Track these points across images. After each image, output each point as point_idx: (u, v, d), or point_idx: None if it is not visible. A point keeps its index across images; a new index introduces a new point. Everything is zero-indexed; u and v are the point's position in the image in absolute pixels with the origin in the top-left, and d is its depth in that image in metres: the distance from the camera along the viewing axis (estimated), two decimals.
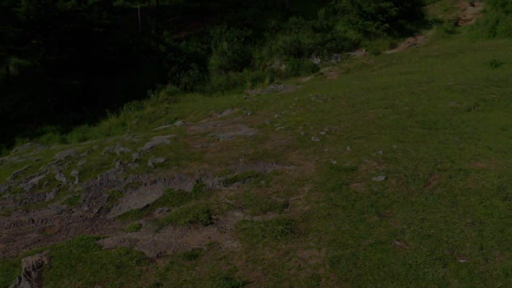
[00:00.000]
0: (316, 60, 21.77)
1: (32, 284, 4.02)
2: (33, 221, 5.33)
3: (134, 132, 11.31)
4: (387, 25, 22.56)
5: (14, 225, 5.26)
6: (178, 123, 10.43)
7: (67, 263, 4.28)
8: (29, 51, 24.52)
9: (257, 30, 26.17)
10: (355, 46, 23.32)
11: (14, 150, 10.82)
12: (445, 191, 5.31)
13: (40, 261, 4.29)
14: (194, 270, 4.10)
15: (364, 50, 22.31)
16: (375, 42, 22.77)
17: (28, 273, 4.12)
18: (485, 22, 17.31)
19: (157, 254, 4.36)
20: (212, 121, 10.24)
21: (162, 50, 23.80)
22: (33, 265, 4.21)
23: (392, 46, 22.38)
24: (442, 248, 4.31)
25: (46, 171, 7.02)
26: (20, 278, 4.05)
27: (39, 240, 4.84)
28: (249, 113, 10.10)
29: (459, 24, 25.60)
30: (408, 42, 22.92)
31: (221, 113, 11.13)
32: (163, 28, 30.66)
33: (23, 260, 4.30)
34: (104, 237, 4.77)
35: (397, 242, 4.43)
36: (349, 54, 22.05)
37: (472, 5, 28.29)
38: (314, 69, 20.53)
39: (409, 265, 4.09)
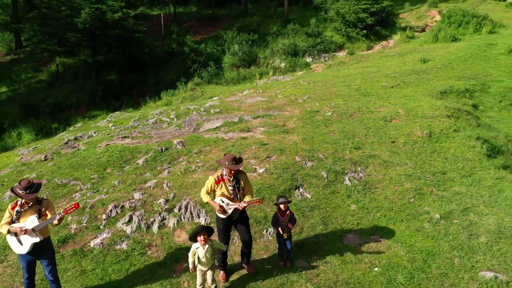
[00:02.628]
0: (309, 59, 27.67)
1: (181, 146, 9.94)
2: (164, 133, 11.24)
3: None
4: (365, 31, 28.43)
5: (156, 134, 11.16)
6: (215, 98, 16.36)
7: (191, 141, 10.20)
8: (74, 52, 30.39)
9: (261, 34, 32.10)
10: (340, 48, 29.23)
11: (109, 116, 16.61)
12: (359, 119, 11.27)
13: (180, 140, 10.23)
14: (246, 142, 10.01)
15: (346, 51, 28.23)
16: (356, 45, 28.65)
17: (177, 143, 10.05)
18: (432, 31, 23.26)
19: (229, 138, 10.29)
20: (238, 96, 16.18)
21: (186, 51, 29.72)
22: (178, 141, 10.15)
23: (369, 48, 28.25)
24: (349, 135, 10.26)
25: (154, 117, 12.94)
26: (176, 144, 9.99)
27: (173, 136, 10.76)
28: (261, 91, 16.02)
29: (426, 30, 31.53)
30: (381, 45, 28.80)
31: (242, 93, 17.02)
32: (181, 32, 36.54)
33: (173, 140, 10.24)
34: (202, 135, 10.70)
35: (331, 134, 10.37)
36: (334, 54, 27.94)
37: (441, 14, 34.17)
38: (306, 66, 26.43)
39: (333, 140, 10.02)
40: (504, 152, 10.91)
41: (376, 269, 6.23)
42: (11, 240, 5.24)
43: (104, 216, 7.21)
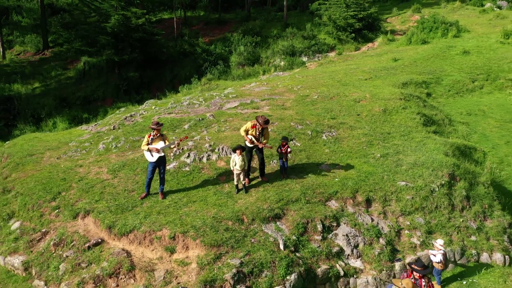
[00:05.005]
0: (304, 58, 32.12)
1: (212, 117, 14.41)
2: (197, 110, 15.68)
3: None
4: (353, 34, 32.86)
5: (192, 111, 15.60)
6: (230, 88, 20.83)
7: (219, 114, 14.66)
8: (101, 52, 34.75)
9: (263, 37, 36.56)
10: (332, 49, 33.67)
11: (146, 102, 21.01)
12: (337, 100, 15.76)
13: (211, 114, 14.71)
14: (257, 115, 14.48)
15: (336, 52, 32.69)
16: (345, 46, 33.08)
17: (209, 116, 14.54)
18: (406, 35, 27.75)
19: (245, 113, 14.76)
20: (247, 87, 20.68)
21: (198, 51, 34.18)
22: (210, 114, 14.64)
23: (357, 49, 32.65)
24: (328, 110, 14.75)
25: (186, 101, 17.40)
26: (208, 116, 14.47)
27: (204, 112, 15.22)
28: (265, 83, 20.51)
29: (408, 33, 35.94)
30: (368, 46, 33.23)
31: (250, 85, 21.50)
32: (191, 35, 40.90)
33: (206, 114, 14.73)
34: (225, 111, 15.15)
35: (316, 110, 14.85)
36: (327, 55, 32.37)
37: None
38: (302, 64, 30.84)
39: (317, 113, 14.49)
40: (440, 124, 15.45)
41: (336, 179, 10.71)
42: (147, 154, 9.70)
43: (171, 154, 11.68)
